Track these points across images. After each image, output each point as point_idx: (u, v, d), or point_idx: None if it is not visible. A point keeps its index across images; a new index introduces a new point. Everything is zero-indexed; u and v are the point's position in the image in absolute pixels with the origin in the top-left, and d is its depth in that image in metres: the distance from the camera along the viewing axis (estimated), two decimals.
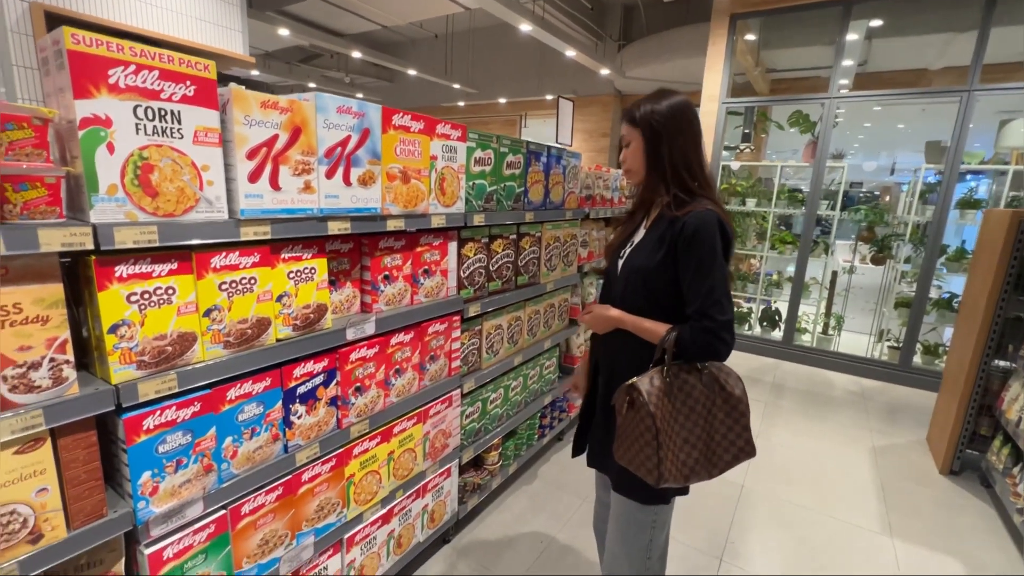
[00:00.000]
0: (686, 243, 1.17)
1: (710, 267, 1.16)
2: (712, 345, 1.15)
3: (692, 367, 1.20)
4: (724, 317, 1.15)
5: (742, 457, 1.22)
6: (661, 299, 1.24)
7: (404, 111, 1.50)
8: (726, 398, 1.20)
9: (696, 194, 1.25)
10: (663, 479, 1.15)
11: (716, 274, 1.16)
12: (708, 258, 1.16)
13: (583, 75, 8.53)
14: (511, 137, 2.03)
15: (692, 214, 1.18)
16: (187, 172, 1.04)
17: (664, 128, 1.23)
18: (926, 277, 4.18)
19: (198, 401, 1.13)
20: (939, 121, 7.87)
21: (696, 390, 1.19)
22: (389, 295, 1.62)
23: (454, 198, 1.77)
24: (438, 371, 1.87)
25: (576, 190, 2.66)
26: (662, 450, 1.14)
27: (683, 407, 1.18)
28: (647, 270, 1.25)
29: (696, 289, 1.17)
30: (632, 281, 1.29)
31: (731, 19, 4.68)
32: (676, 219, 1.20)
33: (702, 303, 1.15)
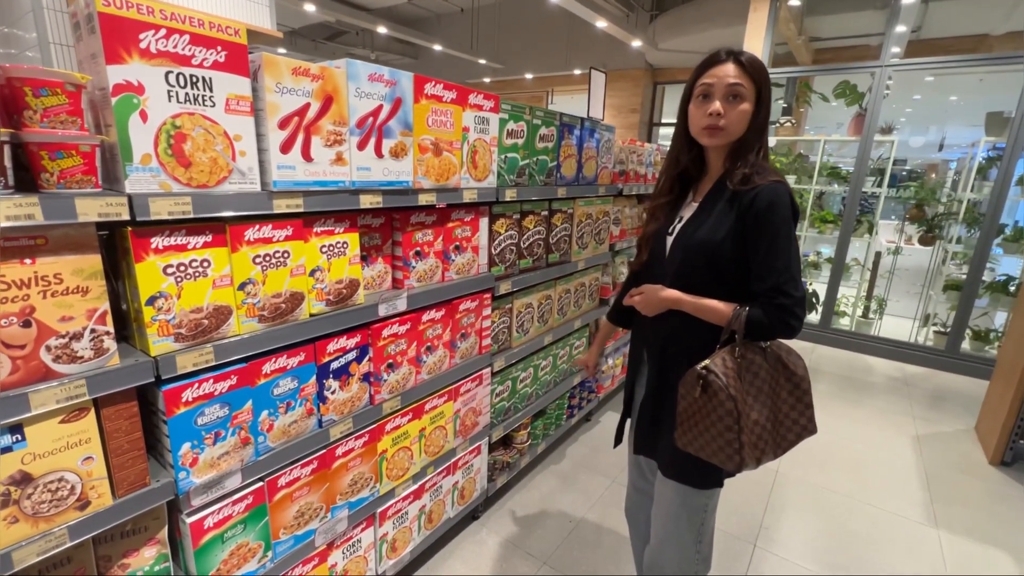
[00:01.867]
0: (761, 217, 1.09)
1: (787, 242, 1.09)
2: (787, 322, 1.09)
3: (757, 346, 1.14)
4: (799, 293, 1.09)
5: (805, 435, 1.19)
6: (726, 276, 1.16)
7: (436, 80, 1.44)
8: (789, 376, 1.16)
9: (765, 163, 1.16)
10: (744, 463, 1.11)
11: (792, 250, 1.10)
12: (784, 233, 1.09)
13: (613, 48, 8.23)
14: (544, 109, 1.95)
15: (765, 187, 1.10)
16: (220, 142, 1.02)
17: (768, 87, 1.14)
18: (980, 259, 3.93)
19: (234, 375, 1.13)
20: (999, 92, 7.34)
21: (763, 369, 1.14)
22: (420, 271, 1.59)
23: (486, 172, 1.72)
24: (469, 349, 1.85)
25: (609, 165, 2.57)
26: (744, 434, 1.10)
27: (751, 388, 1.13)
28: (712, 245, 1.15)
29: (771, 265, 1.10)
30: (690, 258, 1.20)
31: None
32: (744, 192, 1.12)
33: (778, 279, 1.09)
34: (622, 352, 3.25)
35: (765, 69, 1.14)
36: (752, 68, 1.13)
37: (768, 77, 1.15)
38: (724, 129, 1.15)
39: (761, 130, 1.16)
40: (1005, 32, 5.98)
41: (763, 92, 1.14)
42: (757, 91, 1.14)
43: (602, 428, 3.00)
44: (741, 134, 1.16)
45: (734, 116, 1.14)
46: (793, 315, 1.09)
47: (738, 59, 1.13)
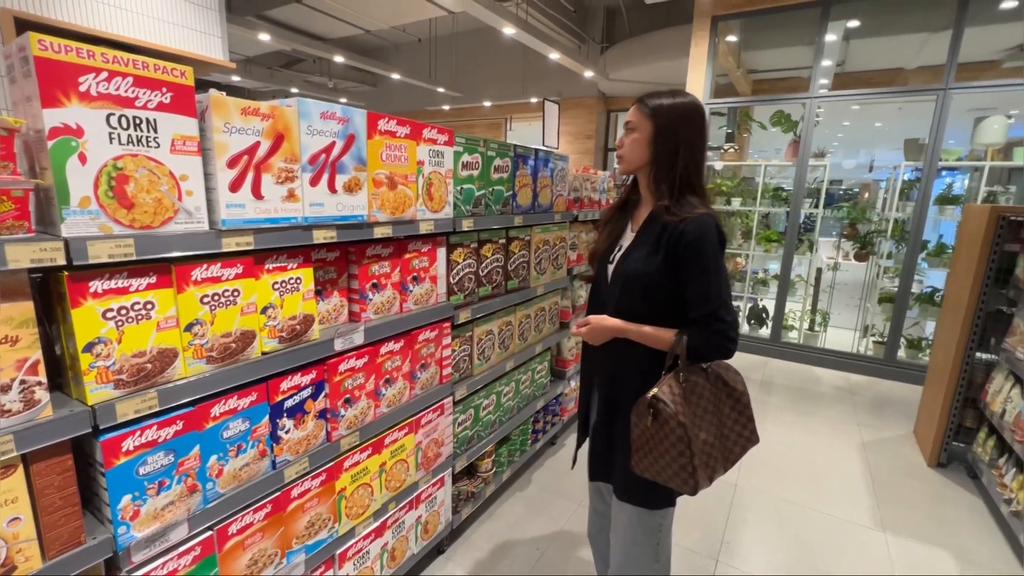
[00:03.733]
0: (689, 249, 1.17)
1: (716, 271, 1.17)
2: (724, 346, 1.17)
3: (698, 368, 1.21)
4: (731, 317, 1.17)
5: (749, 446, 1.26)
6: (661, 304, 1.23)
7: (390, 116, 1.47)
8: (730, 392, 1.24)
9: (694, 196, 1.23)
10: (699, 486, 1.16)
11: (722, 277, 1.18)
12: (713, 263, 1.16)
13: (567, 78, 8.56)
14: (498, 141, 2.01)
15: (691, 220, 1.17)
16: (165, 182, 1.00)
17: (679, 126, 1.21)
18: (908, 272, 4.25)
19: (180, 419, 1.09)
20: (915, 119, 8.04)
21: (706, 390, 1.21)
22: (378, 303, 1.59)
23: (442, 203, 1.75)
24: (429, 379, 1.84)
25: (564, 193, 2.65)
26: (696, 457, 1.15)
27: (698, 409, 1.19)
28: (646, 276, 1.22)
29: (704, 294, 1.17)
30: (628, 288, 1.26)
31: (712, 21, 4.72)
32: (674, 224, 1.19)
33: (711, 306, 1.16)
34: None
35: (668, 110, 1.22)
36: (649, 108, 1.23)
37: (670, 116, 1.21)
38: (622, 158, 1.30)
39: (666, 163, 1.23)
40: (917, 66, 6.62)
41: (666, 130, 1.22)
42: (655, 127, 1.23)
43: (567, 451, 3.01)
44: (639, 163, 1.27)
45: (627, 145, 1.27)
46: (728, 338, 1.17)
47: (639, 101, 1.26)
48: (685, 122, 1.21)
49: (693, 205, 1.21)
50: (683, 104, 1.22)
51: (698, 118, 1.23)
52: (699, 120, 1.23)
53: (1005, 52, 6.05)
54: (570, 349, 2.99)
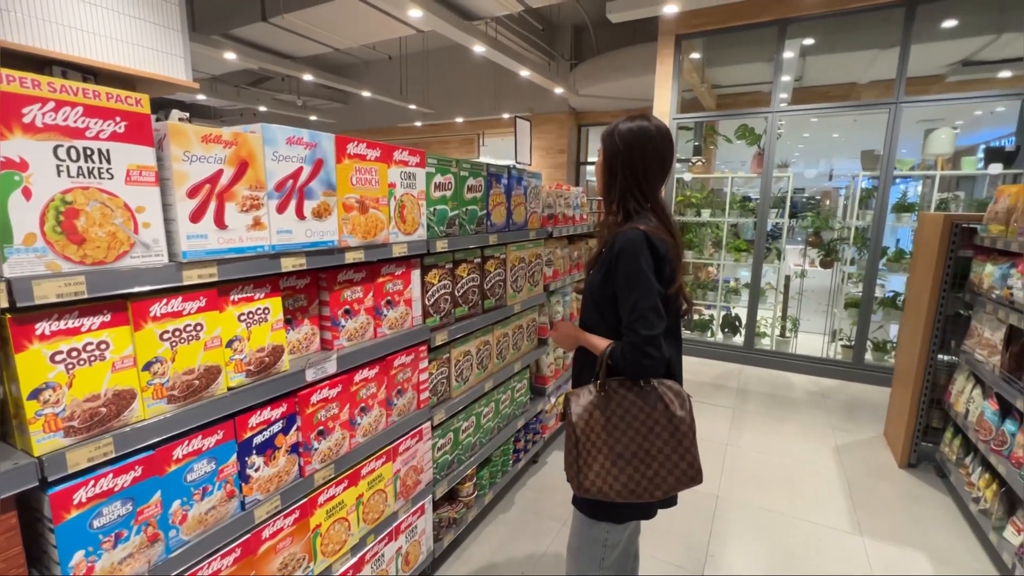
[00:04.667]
0: (615, 261, 1.23)
1: (634, 283, 1.19)
2: (639, 361, 1.18)
3: (634, 384, 1.23)
4: (648, 332, 1.17)
5: (686, 481, 1.22)
6: (608, 316, 1.30)
7: (359, 139, 1.45)
8: (669, 418, 1.21)
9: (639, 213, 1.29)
10: (583, 489, 1.23)
11: (640, 290, 1.19)
12: (632, 274, 1.20)
13: (538, 94, 8.68)
14: (471, 160, 2.01)
15: (620, 234, 1.23)
16: (119, 215, 0.95)
17: (622, 148, 1.28)
18: (871, 278, 4.41)
19: (139, 465, 1.02)
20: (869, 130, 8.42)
21: (635, 407, 1.21)
22: (351, 330, 1.55)
23: (415, 225, 1.72)
24: (406, 405, 1.79)
25: (538, 210, 2.66)
26: (581, 460, 1.22)
27: (620, 423, 1.21)
28: (594, 287, 1.33)
29: (624, 305, 1.22)
30: (586, 300, 1.38)
31: (676, 39, 4.87)
32: (612, 239, 1.27)
33: (628, 318, 1.20)
34: (563, 389, 3.28)
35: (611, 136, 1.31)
36: (603, 135, 1.34)
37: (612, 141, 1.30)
38: (597, 187, 1.42)
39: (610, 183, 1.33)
40: (868, 81, 6.96)
41: (606, 153, 1.32)
42: (602, 152, 1.34)
43: (549, 469, 2.98)
44: (598, 185, 1.39)
45: (596, 174, 1.41)
46: (643, 352, 1.17)
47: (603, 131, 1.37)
48: (626, 145, 1.28)
49: (635, 221, 1.26)
50: (627, 129, 1.28)
51: (640, 141, 1.27)
52: (641, 142, 1.27)
53: (948, 67, 6.43)
54: (549, 365, 2.98)
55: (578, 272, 3.25)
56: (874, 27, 5.10)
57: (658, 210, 1.31)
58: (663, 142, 1.28)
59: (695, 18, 4.71)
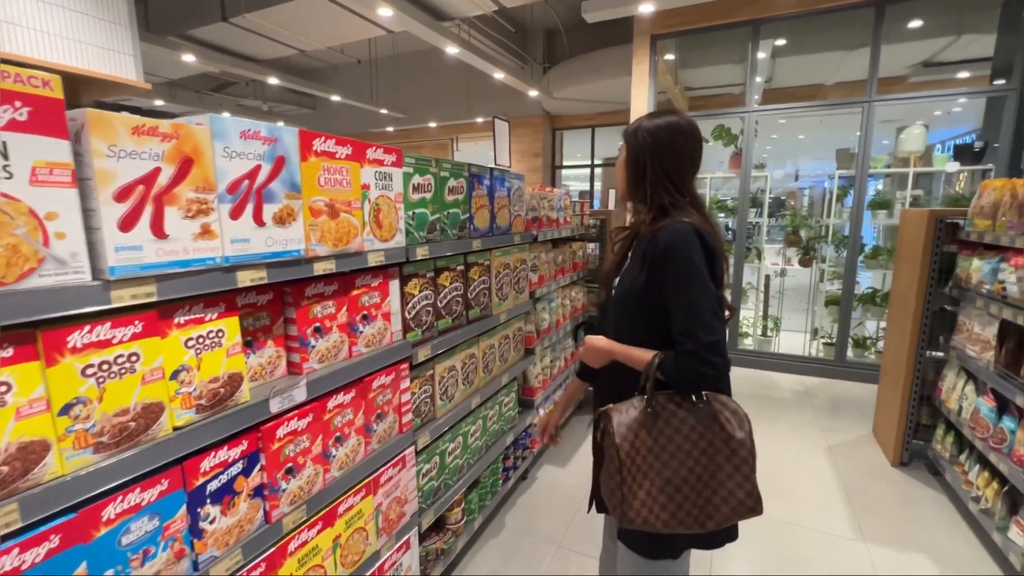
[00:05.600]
0: (660, 260, 1.11)
1: (688, 282, 1.08)
2: (696, 370, 1.05)
3: (686, 400, 1.09)
4: (710, 337, 1.05)
5: (743, 512, 1.08)
6: (659, 324, 1.14)
7: (327, 135, 1.28)
8: (726, 440, 1.07)
9: (677, 208, 1.18)
10: (627, 519, 1.06)
11: (696, 289, 1.07)
12: (685, 272, 1.08)
13: (512, 97, 8.59)
14: (451, 160, 1.85)
15: (664, 228, 1.13)
16: (22, 223, 0.77)
17: (651, 143, 1.20)
18: (850, 275, 4.43)
19: (56, 533, 0.82)
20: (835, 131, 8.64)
21: (686, 426, 1.07)
22: (322, 350, 1.37)
23: (392, 231, 1.56)
24: (387, 430, 1.62)
25: (522, 213, 2.52)
26: (626, 487, 1.06)
27: (669, 444, 1.06)
28: (634, 294, 1.18)
29: (677, 307, 1.09)
30: (623, 308, 1.22)
31: (652, 39, 4.84)
32: (652, 235, 1.15)
33: (684, 323, 1.07)
34: (552, 400, 3.14)
35: (635, 132, 1.23)
36: (626, 134, 1.26)
37: (636, 136, 1.23)
38: (619, 187, 1.33)
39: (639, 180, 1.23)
40: (835, 83, 7.11)
41: (631, 149, 1.24)
42: (627, 149, 1.26)
43: (540, 485, 2.83)
44: (623, 185, 1.29)
45: (618, 173, 1.32)
46: (702, 360, 1.04)
47: (625, 130, 1.28)
48: (655, 140, 1.20)
49: (674, 216, 1.16)
50: (655, 125, 1.20)
51: (670, 135, 1.19)
52: (670, 137, 1.19)
53: (910, 68, 6.62)
54: (536, 376, 2.83)
55: (563, 277, 3.12)
56: (842, 28, 5.18)
57: (696, 203, 1.20)
58: (693, 136, 1.21)
59: (670, 18, 4.68)
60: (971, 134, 9.18)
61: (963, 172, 4.57)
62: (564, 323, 3.19)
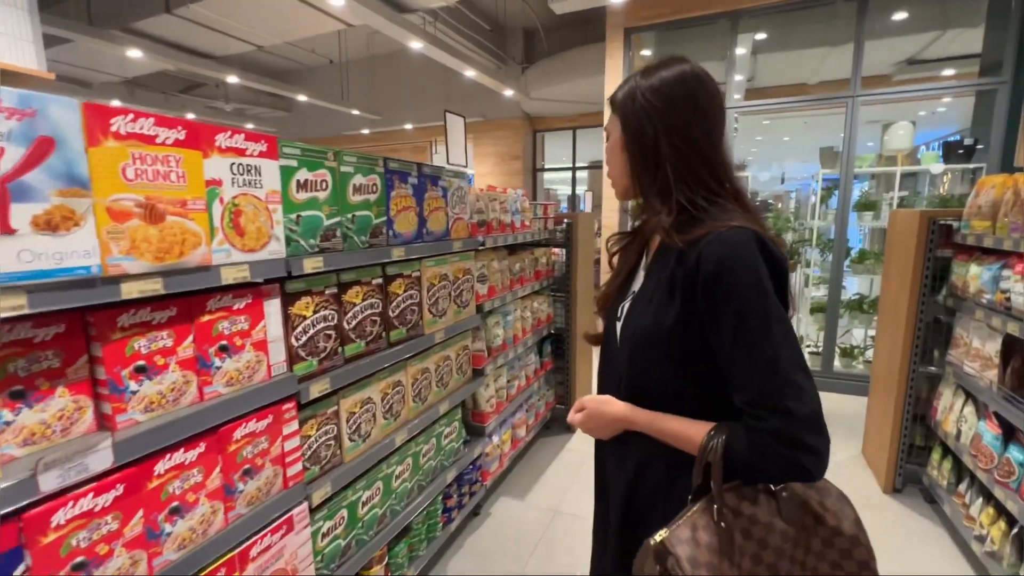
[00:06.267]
0: (710, 288, 0.75)
1: (760, 322, 0.72)
2: (792, 461, 0.71)
3: (762, 492, 0.76)
4: (806, 407, 0.71)
5: None
6: (696, 374, 0.80)
7: (137, 112, 0.96)
8: (827, 538, 0.76)
9: (717, 205, 0.82)
10: None
11: (775, 335, 0.72)
12: (754, 309, 0.72)
13: (491, 99, 8.31)
14: (358, 153, 1.54)
15: (709, 238, 0.76)
16: None
17: (661, 105, 0.82)
18: (836, 281, 4.18)
19: None
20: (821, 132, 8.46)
21: (775, 535, 0.73)
22: (151, 396, 1.04)
23: (263, 238, 1.24)
24: (263, 488, 1.29)
25: (465, 216, 2.21)
26: None
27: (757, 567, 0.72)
28: (659, 335, 0.81)
29: (744, 364, 0.74)
30: (639, 353, 0.85)
31: (625, 33, 4.58)
32: (685, 250, 0.78)
33: (761, 388, 0.72)
34: (510, 424, 2.83)
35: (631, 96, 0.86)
36: (616, 101, 0.89)
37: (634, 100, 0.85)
38: (611, 179, 0.94)
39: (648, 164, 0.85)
40: (818, 82, 6.92)
41: (637, 124, 0.85)
42: (622, 122, 0.88)
43: (494, 522, 2.51)
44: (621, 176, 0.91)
45: (609, 159, 0.93)
46: (799, 445, 0.70)
47: (611, 98, 0.91)
48: (665, 100, 0.83)
49: (713, 216, 0.79)
50: (661, 79, 0.83)
51: (682, 87, 0.83)
52: (684, 92, 0.83)
53: (894, 66, 6.44)
54: (488, 399, 2.51)
55: (521, 287, 2.82)
56: (825, 21, 4.96)
57: (740, 195, 0.84)
58: (716, 90, 0.85)
59: (644, 9, 4.42)
60: (955, 135, 9.07)
61: (948, 173, 4.37)
62: (524, 337, 2.88)
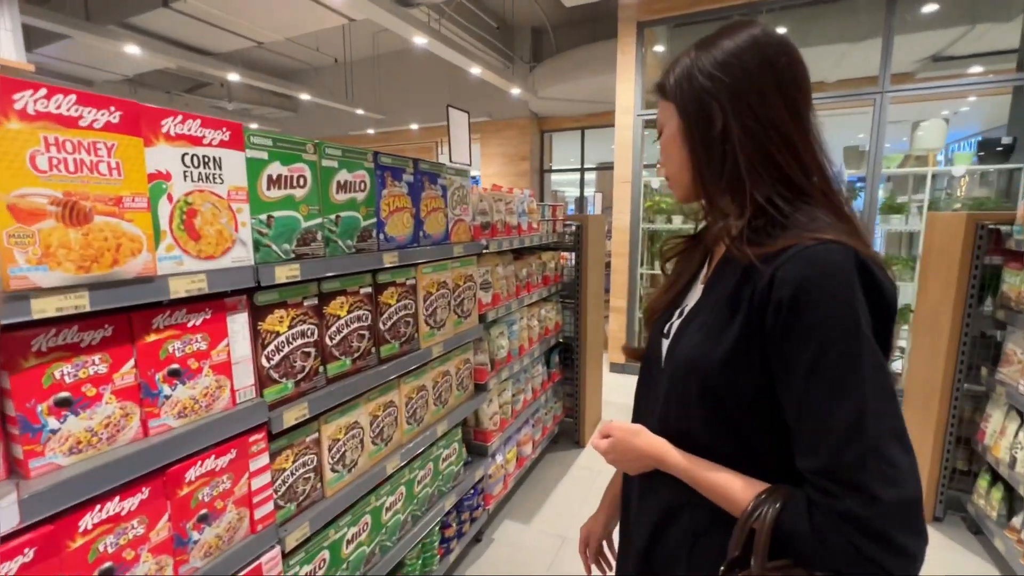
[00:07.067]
0: (785, 314, 0.59)
1: (848, 367, 0.56)
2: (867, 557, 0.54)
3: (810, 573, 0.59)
4: (899, 491, 0.54)
5: None
6: (743, 421, 0.65)
7: (51, 87, 0.77)
8: None
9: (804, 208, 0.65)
10: None
11: (866, 384, 0.56)
12: (840, 347, 0.57)
13: (498, 98, 8.13)
14: (343, 145, 1.36)
15: (790, 252, 0.60)
16: None
17: (721, 86, 0.67)
18: None
19: None
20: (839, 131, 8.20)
21: None
22: (77, 435, 0.86)
23: (224, 243, 1.05)
24: (223, 536, 1.10)
25: (466, 217, 2.02)
26: None
27: None
28: (708, 365, 0.66)
29: (818, 419, 0.58)
30: (679, 387, 0.70)
31: (638, 27, 4.37)
32: (755, 268, 0.62)
33: (837, 453, 0.56)
34: (515, 441, 2.63)
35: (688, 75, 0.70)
36: (667, 87, 0.73)
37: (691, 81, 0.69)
38: (670, 178, 0.79)
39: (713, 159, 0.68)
40: (836, 80, 6.67)
41: (688, 105, 0.70)
42: (679, 108, 0.71)
43: (498, 548, 2.31)
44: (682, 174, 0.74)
45: (665, 155, 0.77)
46: (882, 541, 0.53)
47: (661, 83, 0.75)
48: (729, 72, 0.67)
49: (799, 223, 0.63)
50: (724, 53, 0.67)
51: (754, 54, 0.66)
52: (758, 58, 0.66)
53: (918, 63, 6.18)
54: (492, 416, 2.32)
55: (528, 294, 2.62)
56: (847, 15, 4.73)
57: (832, 195, 0.67)
58: (797, 52, 0.68)
59: (658, 2, 4.22)
60: (978, 135, 8.77)
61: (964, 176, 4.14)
62: (530, 348, 2.68)
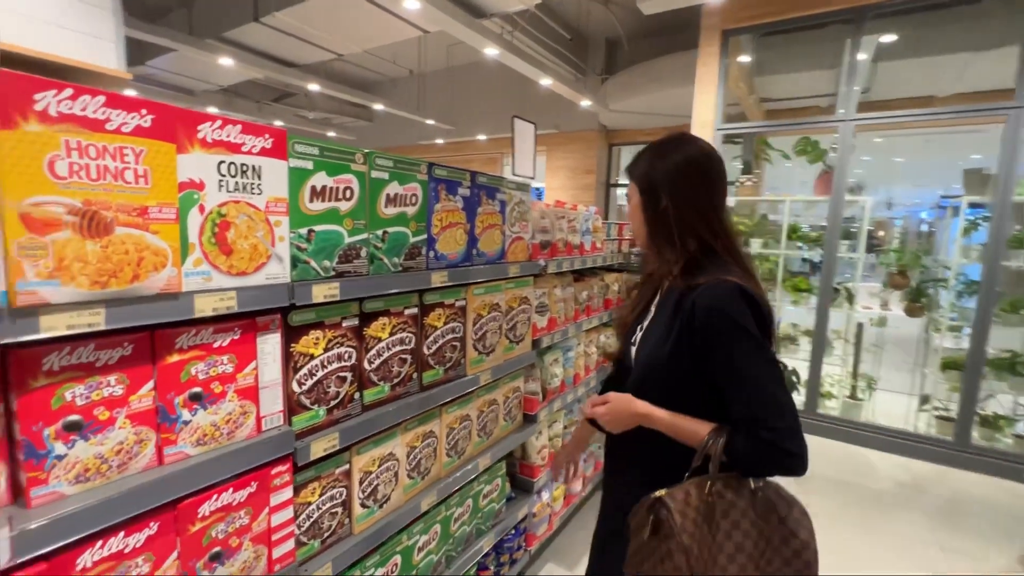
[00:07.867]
0: (703, 328, 0.92)
1: (745, 357, 0.89)
2: (777, 460, 0.86)
3: (743, 485, 0.88)
4: (784, 422, 0.86)
5: None
6: (690, 400, 0.96)
7: (81, 88, 0.71)
8: (785, 538, 0.85)
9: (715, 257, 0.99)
10: None
11: (757, 364, 0.89)
12: (739, 345, 0.89)
13: (566, 110, 8.00)
14: (394, 156, 1.26)
15: (702, 289, 0.93)
16: None
17: (664, 179, 1.02)
18: (981, 333, 3.38)
19: None
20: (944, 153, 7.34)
21: (746, 520, 0.85)
22: (86, 461, 0.79)
23: (259, 258, 0.97)
24: (240, 572, 1.01)
25: (525, 235, 1.88)
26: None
27: (727, 542, 0.84)
28: (661, 363, 1.00)
29: (736, 390, 0.90)
30: (645, 378, 1.04)
31: (723, 35, 4.07)
32: (685, 295, 0.97)
33: (751, 408, 0.88)
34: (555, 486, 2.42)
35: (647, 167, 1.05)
36: (635, 172, 1.08)
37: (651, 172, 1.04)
38: (634, 232, 1.14)
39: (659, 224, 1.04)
40: (952, 94, 5.93)
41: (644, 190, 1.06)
42: (639, 190, 1.07)
43: None
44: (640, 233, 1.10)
45: (631, 218, 1.12)
46: (782, 450, 0.85)
47: (629, 168, 1.09)
48: (671, 173, 1.02)
49: (712, 268, 0.96)
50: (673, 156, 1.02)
51: (689, 164, 1.01)
52: (692, 166, 1.01)
53: None
54: (540, 450, 2.14)
55: (587, 319, 2.43)
56: (971, 20, 4.17)
57: (734, 249, 1.00)
58: (716, 159, 1.03)
59: (746, 8, 3.91)
60: None
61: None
62: (586, 376, 2.48)
